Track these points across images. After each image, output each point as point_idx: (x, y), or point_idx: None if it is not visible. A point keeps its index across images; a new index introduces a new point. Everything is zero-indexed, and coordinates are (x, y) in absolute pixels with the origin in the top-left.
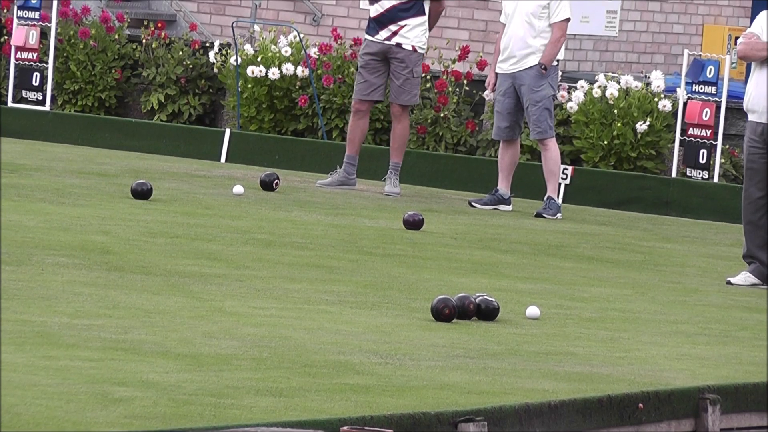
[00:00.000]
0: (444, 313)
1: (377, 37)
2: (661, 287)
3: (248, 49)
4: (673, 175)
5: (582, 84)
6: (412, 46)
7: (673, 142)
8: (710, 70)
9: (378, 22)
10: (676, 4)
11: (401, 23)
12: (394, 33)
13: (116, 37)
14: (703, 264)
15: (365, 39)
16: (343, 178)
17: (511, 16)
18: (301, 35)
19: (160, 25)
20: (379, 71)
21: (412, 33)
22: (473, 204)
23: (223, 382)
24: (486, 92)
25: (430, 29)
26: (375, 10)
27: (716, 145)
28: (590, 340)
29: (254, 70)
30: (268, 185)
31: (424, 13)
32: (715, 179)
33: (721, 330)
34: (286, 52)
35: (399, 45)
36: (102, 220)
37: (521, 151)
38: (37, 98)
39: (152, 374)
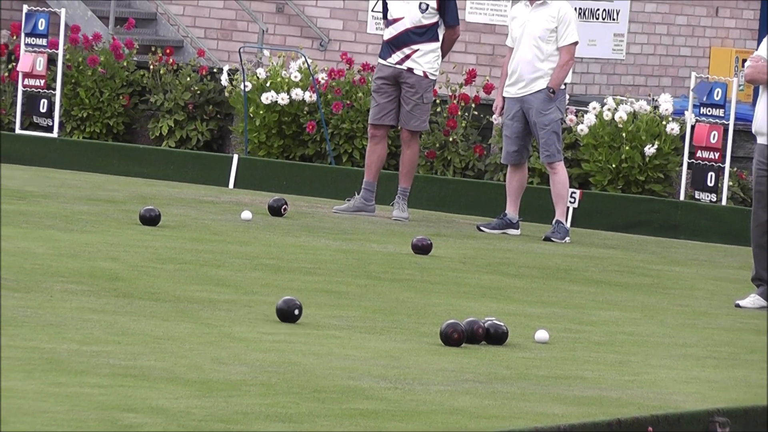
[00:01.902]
0: (453, 337)
1: (389, 60)
2: (669, 310)
3: (260, 73)
4: (681, 198)
5: (594, 105)
6: (424, 72)
7: (681, 165)
8: (718, 92)
9: (391, 45)
10: (683, 27)
11: (414, 47)
12: (407, 57)
13: (125, 63)
14: (712, 287)
15: (378, 62)
16: (361, 204)
17: (518, 40)
18: (309, 60)
19: (167, 51)
20: (391, 95)
21: (424, 59)
22: (482, 228)
23: (232, 407)
24: (494, 116)
25: (443, 56)
26: (389, 33)
27: (724, 167)
28: (599, 363)
29: (268, 97)
30: (276, 211)
31: (437, 39)
32: (723, 202)
33: (731, 353)
34: (295, 77)
35: (410, 70)
36: (110, 246)
37: (529, 175)
38: (45, 125)
39: (162, 400)
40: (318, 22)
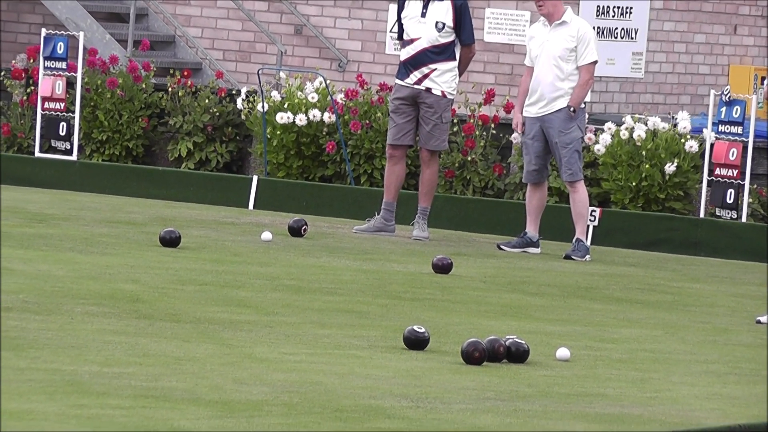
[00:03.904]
0: (474, 356)
1: (407, 80)
2: (690, 327)
3: (275, 95)
4: (701, 215)
5: (609, 126)
6: (442, 92)
7: (701, 182)
8: (736, 110)
9: (408, 65)
10: (701, 45)
11: (432, 66)
12: (425, 76)
13: (143, 86)
14: (733, 303)
15: (396, 83)
16: (381, 224)
17: (537, 60)
18: (327, 81)
19: (186, 73)
20: (409, 116)
21: (442, 78)
22: (502, 247)
23: (254, 428)
24: (514, 135)
25: (460, 75)
26: (406, 53)
27: (744, 185)
28: (621, 381)
29: (283, 117)
30: (296, 231)
31: (454, 58)
32: (743, 219)
33: (752, 369)
34: (312, 98)
35: (428, 90)
36: (131, 268)
37: (549, 194)
38: (64, 148)
39: (183, 421)
40: (336, 44)
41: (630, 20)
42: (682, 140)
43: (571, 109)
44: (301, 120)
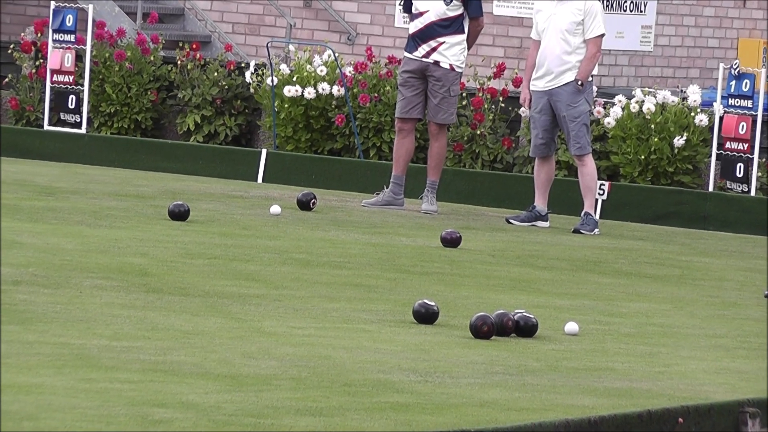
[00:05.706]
0: (483, 330)
1: (415, 53)
2: (699, 301)
3: (284, 68)
4: (710, 189)
5: (620, 99)
6: (450, 65)
7: (710, 156)
8: (746, 83)
9: (416, 39)
10: (710, 18)
11: (440, 39)
12: (433, 49)
13: (151, 58)
14: (741, 278)
15: (404, 56)
16: (390, 198)
17: (545, 33)
18: (336, 54)
19: (195, 46)
20: (417, 89)
21: (450, 51)
22: (510, 221)
23: (262, 402)
24: (522, 109)
25: (468, 48)
26: (414, 26)
27: (753, 158)
28: (629, 355)
29: (290, 90)
30: (305, 205)
31: (463, 32)
32: (752, 193)
33: (761, 343)
34: (321, 71)
35: (437, 63)
36: (139, 242)
37: (558, 167)
38: (73, 121)
39: (192, 395)
40: (346, 16)
41: None
42: (692, 114)
43: (579, 82)
44: (309, 93)
